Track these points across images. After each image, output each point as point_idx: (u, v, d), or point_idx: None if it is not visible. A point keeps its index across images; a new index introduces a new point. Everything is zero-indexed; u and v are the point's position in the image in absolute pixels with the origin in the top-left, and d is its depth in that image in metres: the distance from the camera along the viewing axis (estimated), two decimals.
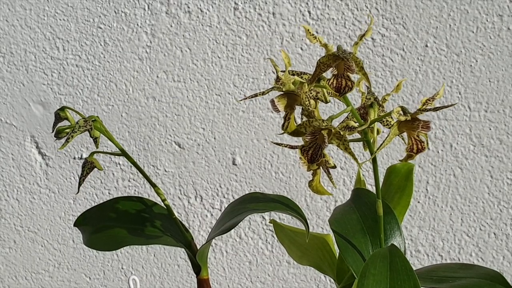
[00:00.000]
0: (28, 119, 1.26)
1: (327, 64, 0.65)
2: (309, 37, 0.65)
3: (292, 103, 0.67)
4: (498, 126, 1.19)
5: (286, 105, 0.67)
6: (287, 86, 0.66)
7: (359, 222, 0.72)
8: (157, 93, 1.23)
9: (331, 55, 0.64)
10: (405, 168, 0.78)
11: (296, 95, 0.66)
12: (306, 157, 0.65)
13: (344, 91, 0.64)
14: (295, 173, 1.23)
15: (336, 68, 0.64)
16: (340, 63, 0.64)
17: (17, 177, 1.28)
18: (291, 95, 0.67)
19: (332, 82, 0.64)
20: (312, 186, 0.71)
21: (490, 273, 0.70)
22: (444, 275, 0.71)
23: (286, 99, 0.67)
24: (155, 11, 1.21)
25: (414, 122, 0.66)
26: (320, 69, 0.65)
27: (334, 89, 0.64)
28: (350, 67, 0.64)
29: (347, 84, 0.64)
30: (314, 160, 0.65)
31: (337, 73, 0.64)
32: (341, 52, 0.64)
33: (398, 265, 0.66)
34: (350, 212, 0.73)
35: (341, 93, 0.64)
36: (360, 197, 0.75)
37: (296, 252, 0.83)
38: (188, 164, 1.25)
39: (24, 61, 1.24)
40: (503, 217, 1.22)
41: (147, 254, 1.29)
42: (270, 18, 1.20)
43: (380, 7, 1.18)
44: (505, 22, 1.16)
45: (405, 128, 0.66)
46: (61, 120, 0.76)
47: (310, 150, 0.65)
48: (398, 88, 0.70)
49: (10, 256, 1.31)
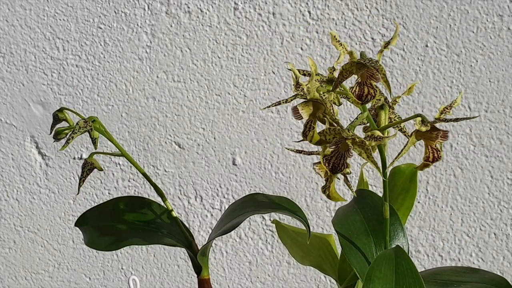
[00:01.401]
0: (28, 119, 1.26)
1: (350, 71, 0.63)
2: (335, 43, 0.64)
3: (315, 111, 0.65)
4: (498, 126, 1.19)
5: (310, 113, 0.65)
6: (311, 93, 0.65)
7: (363, 224, 0.72)
8: (157, 93, 1.23)
9: (356, 62, 0.63)
10: (409, 169, 0.78)
11: (320, 103, 0.65)
12: (328, 166, 0.63)
13: (367, 99, 0.63)
14: (295, 173, 1.23)
15: (359, 76, 0.63)
16: (364, 71, 0.63)
17: (17, 177, 1.28)
18: (315, 103, 0.65)
19: (355, 89, 0.63)
20: (328, 193, 0.69)
21: (495, 278, 0.70)
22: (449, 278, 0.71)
23: (311, 107, 0.65)
24: (155, 11, 1.21)
25: (432, 132, 0.64)
26: (342, 76, 0.64)
27: (356, 97, 0.63)
28: (374, 75, 0.62)
29: (369, 92, 0.63)
30: (337, 170, 0.63)
31: (360, 80, 0.63)
32: (367, 60, 0.62)
33: (403, 268, 0.65)
34: (354, 213, 0.73)
35: (363, 101, 0.63)
36: (363, 198, 0.75)
37: (298, 252, 0.83)
38: (188, 164, 1.25)
39: (24, 61, 1.24)
40: (503, 217, 1.22)
41: (147, 254, 1.29)
42: (270, 18, 1.20)
43: (380, 7, 1.18)
44: (505, 22, 1.16)
45: (423, 137, 0.65)
46: (60, 122, 0.76)
47: (332, 159, 0.64)
48: (410, 90, 0.69)
49: (10, 256, 1.31)
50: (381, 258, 0.66)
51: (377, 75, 0.62)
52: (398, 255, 0.66)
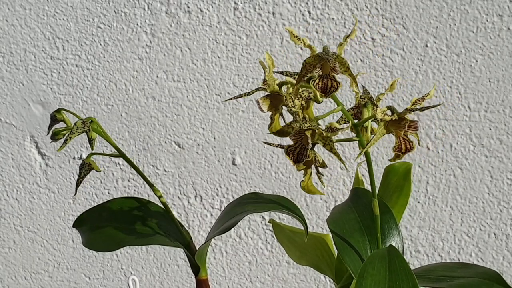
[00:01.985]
0: (27, 119, 1.26)
1: (313, 65, 0.66)
2: (293, 39, 0.66)
3: (277, 103, 0.68)
4: (498, 126, 1.19)
5: (271, 106, 0.68)
6: (271, 87, 0.68)
7: (357, 222, 0.73)
8: (157, 93, 1.23)
9: (316, 56, 0.65)
10: (403, 167, 0.78)
11: (281, 96, 0.68)
12: (292, 157, 0.66)
13: (330, 91, 0.65)
14: (295, 173, 1.23)
15: (321, 69, 0.65)
16: (325, 63, 0.65)
17: (17, 177, 1.28)
18: (276, 95, 0.68)
19: (318, 83, 0.65)
20: (303, 185, 0.72)
21: (488, 273, 0.70)
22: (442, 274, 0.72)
23: (270, 100, 0.68)
24: (155, 11, 1.21)
25: (401, 122, 0.67)
26: (306, 70, 0.66)
27: (320, 90, 0.65)
28: (335, 68, 0.65)
29: (332, 85, 0.65)
30: (300, 160, 0.66)
31: (322, 73, 0.65)
32: (324, 53, 0.65)
33: (396, 265, 0.66)
34: (348, 211, 0.74)
35: (327, 94, 0.65)
36: (358, 196, 0.75)
37: (295, 252, 0.83)
38: (188, 164, 1.25)
39: (24, 61, 1.24)
40: (503, 217, 1.22)
41: (147, 254, 1.29)
42: (270, 18, 1.20)
43: (380, 7, 1.18)
44: (505, 22, 1.16)
45: (393, 128, 0.67)
46: (57, 122, 0.76)
47: (296, 150, 0.66)
48: (392, 87, 0.70)
49: (10, 256, 1.31)
50: (374, 257, 0.67)
51: (337, 68, 0.64)
52: (391, 254, 0.67)
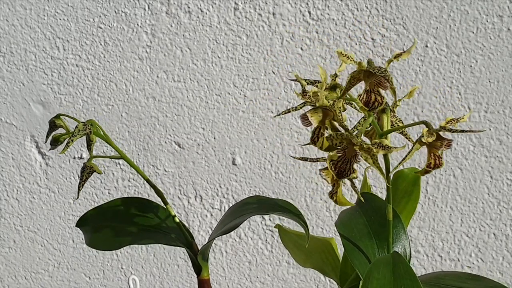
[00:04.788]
0: (28, 118, 1.26)
1: (358, 78, 0.64)
2: (342, 58, 0.64)
3: (324, 118, 0.66)
4: (498, 126, 1.19)
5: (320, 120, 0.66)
6: (321, 101, 0.66)
7: (366, 226, 0.73)
8: (157, 93, 1.23)
9: (364, 70, 0.64)
10: (412, 173, 0.78)
11: (329, 110, 0.66)
12: (334, 170, 0.64)
13: (374, 105, 0.64)
14: (295, 173, 1.23)
15: (367, 84, 0.64)
16: (372, 79, 0.63)
17: (17, 177, 1.28)
18: (324, 110, 0.66)
19: (363, 97, 0.64)
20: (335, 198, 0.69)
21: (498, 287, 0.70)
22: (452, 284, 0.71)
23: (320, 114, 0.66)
24: (155, 11, 1.21)
25: (437, 141, 0.65)
26: (350, 83, 0.64)
27: (363, 103, 0.64)
28: (382, 83, 0.63)
29: (376, 99, 0.64)
30: (343, 175, 0.64)
31: (368, 88, 0.64)
32: (376, 69, 0.63)
33: (401, 270, 0.66)
34: (357, 216, 0.74)
35: (370, 108, 0.63)
36: (366, 201, 0.75)
37: (300, 255, 0.84)
38: (188, 164, 1.25)
39: (24, 61, 1.24)
40: (502, 217, 1.22)
41: (147, 254, 1.29)
42: (270, 18, 1.20)
43: (380, 7, 1.18)
44: (505, 23, 1.16)
45: (427, 145, 0.66)
46: (56, 128, 0.76)
47: (338, 163, 0.64)
48: (411, 94, 0.69)
49: (10, 256, 1.31)
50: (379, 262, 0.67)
51: (385, 83, 0.63)
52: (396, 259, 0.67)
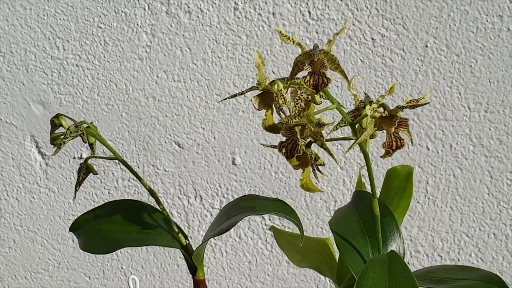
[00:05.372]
0: (28, 118, 1.26)
1: (304, 62, 0.67)
2: (283, 38, 0.67)
3: (270, 101, 0.70)
4: (498, 126, 1.19)
5: (263, 104, 0.70)
6: (262, 85, 0.69)
7: (359, 224, 0.73)
8: (157, 93, 1.23)
9: (306, 53, 0.66)
10: (405, 170, 0.79)
11: (272, 93, 0.69)
12: (285, 152, 0.68)
13: (321, 87, 0.66)
14: (295, 173, 1.23)
15: (311, 66, 0.66)
16: (315, 60, 0.66)
17: (17, 177, 1.28)
18: (269, 93, 0.70)
19: (308, 80, 0.66)
20: (301, 183, 0.72)
21: (489, 276, 0.71)
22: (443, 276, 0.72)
23: (263, 98, 0.70)
24: (155, 11, 1.21)
25: (392, 119, 0.68)
26: (297, 68, 0.67)
27: (311, 87, 0.66)
28: (323, 64, 0.66)
29: (323, 81, 0.66)
30: (292, 155, 0.68)
31: (312, 70, 0.66)
32: (313, 49, 0.66)
33: (397, 268, 0.66)
34: (350, 214, 0.74)
35: (318, 90, 0.66)
36: (360, 199, 0.76)
37: (296, 256, 0.84)
38: (188, 164, 1.25)
39: (24, 61, 1.24)
40: (502, 217, 1.22)
41: (147, 254, 1.29)
42: (270, 18, 1.20)
43: (380, 7, 1.18)
44: (505, 23, 1.16)
45: (384, 125, 0.68)
46: (57, 127, 0.76)
47: (288, 146, 0.68)
48: (392, 90, 0.71)
49: (10, 256, 1.31)
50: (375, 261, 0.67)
51: (325, 64, 0.66)
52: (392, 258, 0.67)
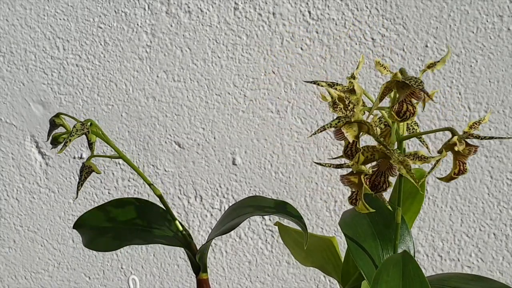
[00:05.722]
0: (28, 118, 1.26)
1: (390, 88, 0.63)
2: (379, 68, 0.64)
3: (359, 132, 0.65)
4: (498, 126, 1.19)
5: (356, 135, 0.65)
6: (356, 116, 0.64)
7: (370, 227, 0.72)
8: (157, 93, 1.23)
9: (398, 81, 0.62)
10: (417, 174, 0.77)
11: (363, 124, 0.65)
12: (368, 184, 0.63)
13: (405, 116, 0.62)
14: (295, 173, 1.23)
15: (400, 94, 0.62)
16: (406, 89, 0.62)
17: (17, 177, 1.28)
18: (359, 124, 0.65)
19: (395, 107, 0.62)
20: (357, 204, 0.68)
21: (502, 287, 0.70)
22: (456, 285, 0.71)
23: (356, 129, 0.65)
24: (155, 11, 1.21)
25: (465, 148, 0.65)
26: (383, 94, 0.63)
27: (395, 113, 0.62)
28: (416, 93, 0.62)
29: (408, 109, 0.62)
30: (378, 188, 0.63)
31: (402, 99, 0.62)
32: (411, 80, 0.62)
33: (411, 272, 0.65)
34: (360, 216, 0.73)
35: (402, 119, 0.62)
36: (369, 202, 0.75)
37: (301, 253, 0.84)
38: (188, 164, 1.25)
39: (24, 61, 1.24)
40: (502, 217, 1.22)
41: (147, 254, 1.29)
42: (270, 18, 1.20)
43: (380, 7, 1.18)
44: (505, 23, 1.16)
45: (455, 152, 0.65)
46: (57, 127, 0.76)
47: (372, 177, 0.63)
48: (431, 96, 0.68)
49: (10, 256, 1.31)
50: (389, 262, 0.66)
51: (419, 94, 0.62)
52: (405, 260, 0.66)
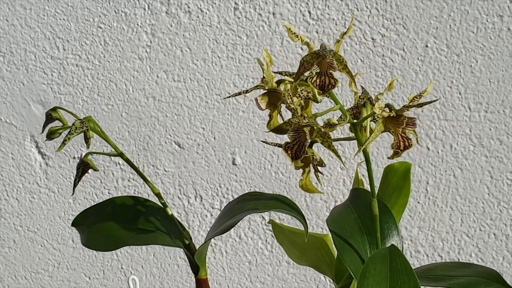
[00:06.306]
0: (28, 118, 1.26)
1: (311, 62, 0.66)
2: (291, 36, 0.66)
3: (276, 101, 0.68)
4: (498, 126, 1.19)
5: (269, 103, 0.68)
6: (269, 84, 0.68)
7: (357, 222, 0.72)
8: (157, 93, 1.23)
9: (313, 53, 0.65)
10: (402, 167, 0.78)
11: (279, 93, 0.68)
12: (290, 154, 0.66)
13: (328, 88, 0.65)
14: (295, 173, 1.23)
15: (319, 66, 0.65)
16: (322, 61, 0.65)
17: (17, 177, 1.28)
18: (275, 93, 0.68)
19: (315, 80, 0.65)
20: (301, 184, 0.72)
21: (487, 271, 0.71)
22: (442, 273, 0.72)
23: (269, 97, 0.68)
24: (155, 11, 1.21)
25: (399, 119, 0.67)
26: (303, 68, 0.66)
27: (317, 87, 0.65)
28: (332, 65, 0.64)
29: (330, 82, 0.65)
30: (298, 157, 0.66)
31: (320, 71, 0.65)
32: (321, 50, 0.65)
33: (398, 265, 0.66)
34: (348, 212, 0.73)
35: (325, 91, 0.65)
36: (358, 197, 0.75)
37: (295, 252, 0.83)
38: (188, 164, 1.25)
39: (24, 61, 1.24)
40: (503, 217, 1.22)
41: (147, 254, 1.29)
42: (270, 18, 1.20)
43: (380, 7, 1.18)
44: (505, 23, 1.16)
45: (391, 125, 0.67)
46: (53, 121, 0.75)
47: (294, 147, 0.66)
48: (391, 87, 0.70)
49: (10, 256, 1.31)
50: (376, 256, 0.66)
51: (334, 65, 0.64)
52: (393, 254, 0.67)
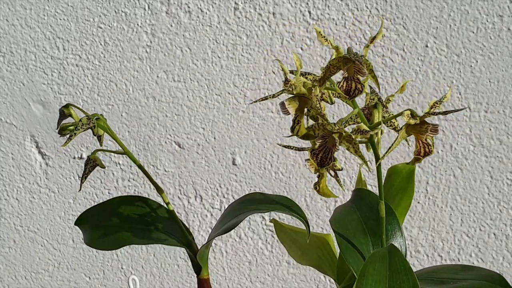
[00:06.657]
0: (28, 118, 1.26)
1: (337, 66, 0.64)
2: (320, 39, 0.64)
3: (302, 106, 0.66)
4: (498, 126, 1.19)
5: (297, 108, 0.66)
6: (298, 89, 0.66)
7: (360, 223, 0.72)
8: (157, 93, 1.23)
9: (342, 57, 0.63)
10: (406, 169, 0.78)
11: (307, 98, 0.66)
12: (316, 160, 0.65)
13: (354, 94, 0.63)
14: (295, 173, 1.23)
15: (346, 71, 0.64)
16: (350, 65, 0.63)
17: (17, 177, 1.28)
18: (302, 98, 0.66)
19: (342, 84, 0.63)
20: (318, 188, 0.70)
21: (491, 275, 0.70)
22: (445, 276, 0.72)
23: (297, 102, 0.66)
24: (155, 11, 1.21)
25: (422, 126, 0.65)
26: (330, 71, 0.64)
27: (344, 92, 0.63)
28: (361, 70, 0.63)
29: (356, 87, 0.63)
30: (324, 164, 0.64)
31: (347, 75, 0.64)
32: (352, 55, 0.63)
33: (397, 265, 0.66)
34: (351, 212, 0.73)
35: (351, 96, 0.63)
36: (361, 197, 0.75)
37: (297, 251, 0.83)
38: (188, 164, 1.25)
39: (24, 61, 1.24)
40: (503, 217, 1.22)
41: (147, 254, 1.29)
42: (270, 18, 1.20)
43: (380, 7, 1.18)
44: (505, 23, 1.16)
45: (413, 132, 0.66)
46: (66, 117, 0.76)
47: (320, 153, 0.65)
48: (403, 89, 0.69)
49: (10, 256, 1.31)
50: (375, 256, 0.66)
51: (363, 70, 0.63)
52: (392, 253, 0.66)
